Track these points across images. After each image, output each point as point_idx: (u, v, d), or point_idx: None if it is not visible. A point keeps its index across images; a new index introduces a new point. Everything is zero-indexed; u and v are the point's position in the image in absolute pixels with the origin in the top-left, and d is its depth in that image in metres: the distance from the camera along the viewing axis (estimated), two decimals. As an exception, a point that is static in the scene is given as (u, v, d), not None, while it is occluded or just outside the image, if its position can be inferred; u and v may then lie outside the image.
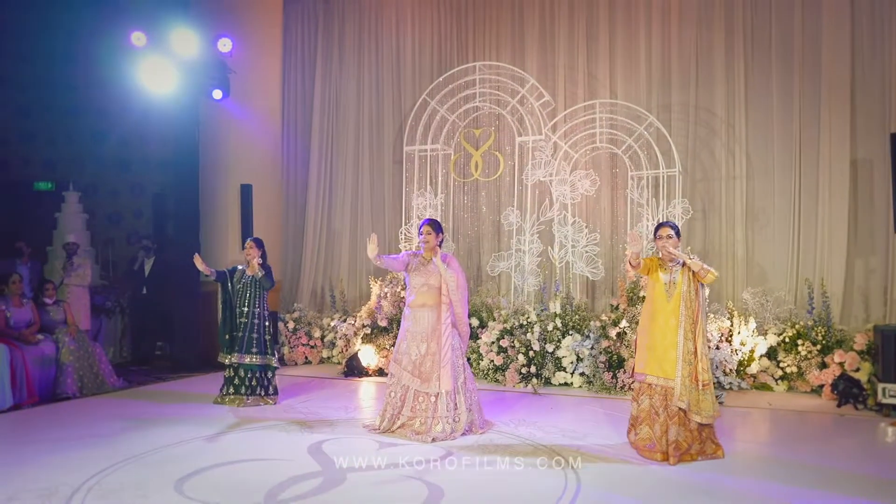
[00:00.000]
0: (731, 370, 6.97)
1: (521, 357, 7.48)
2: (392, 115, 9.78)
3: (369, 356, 8.27)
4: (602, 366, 7.16)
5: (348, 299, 9.52)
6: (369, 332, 8.44)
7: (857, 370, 6.61)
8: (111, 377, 7.36)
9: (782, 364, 7.12)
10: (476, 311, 8.02)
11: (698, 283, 4.76)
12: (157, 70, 7.99)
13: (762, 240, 7.96)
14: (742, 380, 7.10)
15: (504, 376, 7.59)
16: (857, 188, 7.51)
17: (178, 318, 8.84)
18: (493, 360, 7.67)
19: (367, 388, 7.62)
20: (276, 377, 6.75)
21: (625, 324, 7.10)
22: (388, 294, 8.46)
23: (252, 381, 6.49)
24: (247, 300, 6.55)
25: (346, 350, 8.69)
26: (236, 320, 6.55)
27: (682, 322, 4.68)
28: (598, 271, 8.05)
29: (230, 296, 6.64)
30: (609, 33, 8.65)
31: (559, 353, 7.44)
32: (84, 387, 7.00)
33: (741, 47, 8.02)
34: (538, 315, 7.63)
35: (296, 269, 10.20)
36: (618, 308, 7.40)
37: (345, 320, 8.95)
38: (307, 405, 6.54)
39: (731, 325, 7.23)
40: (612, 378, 7.09)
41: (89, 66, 10.21)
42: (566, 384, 7.43)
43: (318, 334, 9.07)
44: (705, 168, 8.25)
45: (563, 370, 7.45)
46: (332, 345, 8.97)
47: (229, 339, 6.55)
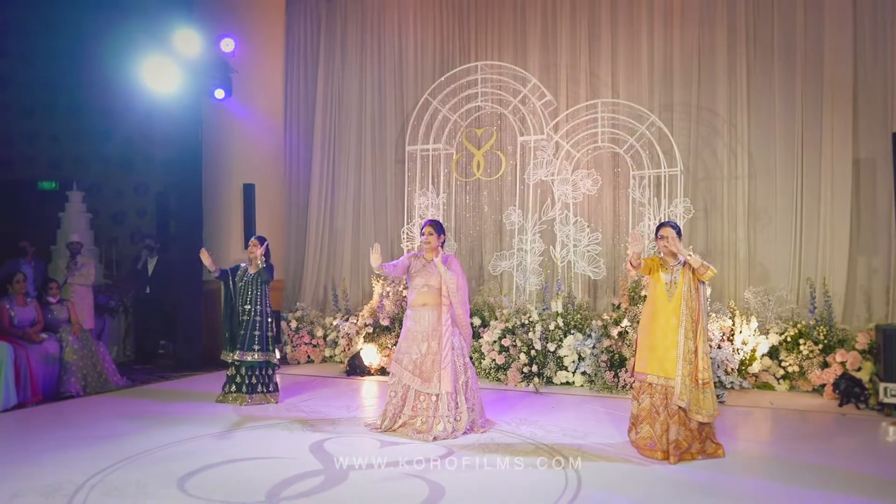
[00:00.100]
0: (732, 369, 6.98)
1: (523, 356, 7.49)
2: (394, 115, 9.80)
3: (371, 355, 8.29)
4: (604, 365, 7.17)
5: (350, 298, 9.53)
6: (371, 331, 8.46)
7: (859, 370, 6.61)
8: (114, 376, 7.39)
9: (784, 363, 7.12)
10: (478, 310, 8.04)
11: (699, 282, 4.78)
12: (161, 70, 8.03)
13: (764, 239, 7.97)
14: (744, 379, 7.11)
15: (506, 375, 7.60)
16: (860, 188, 7.51)
17: (181, 316, 8.87)
18: (494, 360, 7.69)
19: (369, 387, 7.64)
20: (279, 376, 6.77)
21: (626, 323, 7.11)
22: (390, 293, 8.49)
23: (252, 379, 6.52)
24: (249, 298, 6.57)
25: (349, 349, 8.72)
26: (238, 318, 6.59)
27: (683, 321, 4.70)
28: (600, 270, 8.05)
29: (232, 294, 6.67)
30: (611, 33, 8.66)
31: (561, 352, 7.45)
32: (87, 385, 7.03)
33: (743, 47, 8.02)
34: (540, 314, 7.64)
35: (298, 269, 10.22)
36: (619, 307, 7.40)
37: (347, 319, 8.99)
38: (309, 404, 6.56)
39: (733, 325, 7.24)
40: (614, 377, 7.10)
41: (93, 66, 10.21)
42: (568, 383, 7.44)
43: (320, 333, 9.10)
44: (707, 167, 8.25)
45: (565, 369, 7.46)
46: (335, 344, 9.00)
47: (231, 336, 6.59)
